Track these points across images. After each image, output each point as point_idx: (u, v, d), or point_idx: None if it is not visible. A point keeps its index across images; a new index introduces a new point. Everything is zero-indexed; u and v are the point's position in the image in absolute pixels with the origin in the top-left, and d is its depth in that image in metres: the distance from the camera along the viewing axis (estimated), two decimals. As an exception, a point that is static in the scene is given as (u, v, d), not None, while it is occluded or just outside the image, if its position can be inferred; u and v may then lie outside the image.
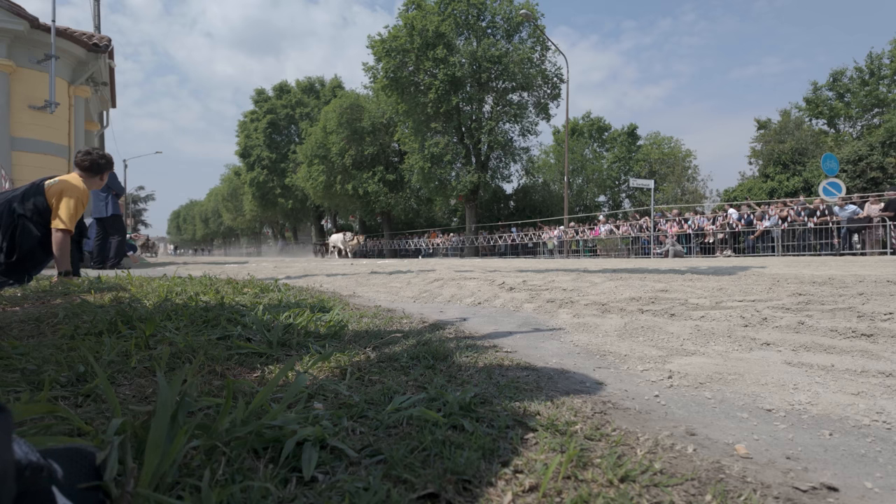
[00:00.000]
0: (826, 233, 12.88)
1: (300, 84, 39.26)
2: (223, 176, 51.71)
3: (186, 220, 76.81)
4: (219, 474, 0.62)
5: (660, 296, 2.77)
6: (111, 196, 7.76)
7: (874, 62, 24.51)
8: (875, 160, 20.48)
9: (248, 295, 2.77)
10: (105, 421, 0.81)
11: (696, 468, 0.72)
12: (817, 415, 1.00)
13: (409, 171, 24.76)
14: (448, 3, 21.72)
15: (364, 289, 3.93)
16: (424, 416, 0.84)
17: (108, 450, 0.58)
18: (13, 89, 8.72)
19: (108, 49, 10.05)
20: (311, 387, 1.03)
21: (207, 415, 0.81)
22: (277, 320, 1.72)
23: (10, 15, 8.38)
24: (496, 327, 2.07)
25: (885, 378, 1.22)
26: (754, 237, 14.08)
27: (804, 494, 0.67)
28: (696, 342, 1.68)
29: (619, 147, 34.12)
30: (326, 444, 0.72)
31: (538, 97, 23.47)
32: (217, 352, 1.32)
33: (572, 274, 4.56)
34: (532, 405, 0.96)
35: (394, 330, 1.83)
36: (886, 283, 3.07)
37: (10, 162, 8.56)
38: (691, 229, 15.86)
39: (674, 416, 0.99)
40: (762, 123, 27.90)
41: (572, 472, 0.68)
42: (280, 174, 37.91)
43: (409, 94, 22.59)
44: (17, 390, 0.96)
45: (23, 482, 0.43)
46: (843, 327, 1.76)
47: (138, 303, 2.27)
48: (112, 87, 12.24)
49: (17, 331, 1.67)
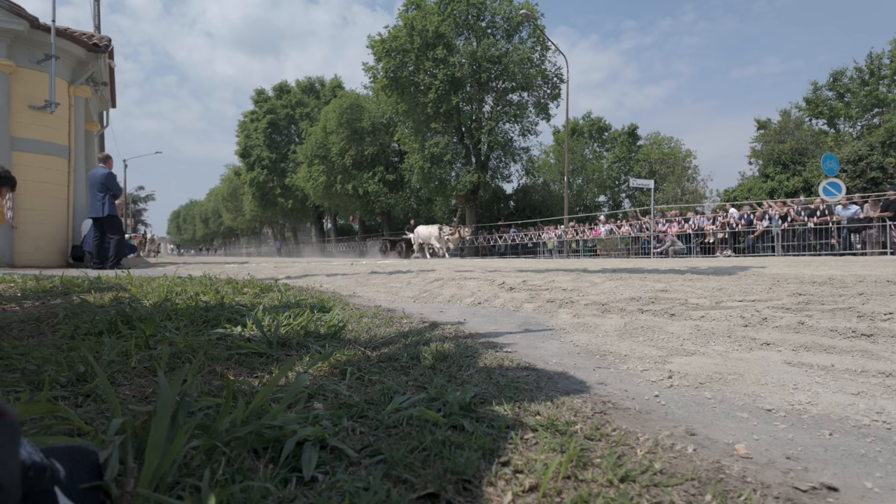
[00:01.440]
0: (826, 233, 12.88)
1: (300, 84, 39.27)
2: (223, 176, 51.74)
3: (186, 220, 76.83)
4: (219, 474, 0.62)
5: (660, 296, 2.77)
6: (108, 196, 7.75)
7: (874, 62, 24.50)
8: (875, 160, 20.48)
9: (248, 295, 2.77)
10: (105, 421, 0.81)
11: (696, 468, 0.72)
12: (817, 415, 1.00)
13: (409, 171, 24.75)
14: (448, 4, 21.72)
15: (364, 289, 3.93)
16: (424, 416, 0.84)
17: (110, 449, 0.58)
18: (13, 89, 8.71)
19: (108, 49, 10.05)
20: (311, 387, 1.03)
21: (207, 415, 0.81)
22: (277, 320, 1.72)
23: (10, 15, 8.38)
24: (496, 327, 2.07)
25: (885, 378, 1.22)
26: (754, 237, 14.08)
27: (804, 494, 0.67)
28: (696, 342, 1.68)
29: (619, 147, 34.11)
30: (326, 444, 0.72)
31: (538, 97, 23.46)
32: (217, 352, 1.32)
33: (572, 274, 4.56)
34: (532, 405, 0.96)
35: (394, 330, 1.83)
36: (886, 283, 3.07)
37: (10, 162, 8.55)
38: (691, 229, 15.87)
39: (674, 416, 0.99)
40: (762, 123, 27.90)
41: (572, 472, 0.68)
42: (280, 174, 37.92)
43: (409, 94, 22.59)
44: (17, 390, 0.96)
45: (26, 483, 0.42)
46: (843, 327, 1.76)
47: (138, 303, 2.27)
48: (112, 87, 12.24)
49: (17, 331, 1.67)
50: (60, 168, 9.27)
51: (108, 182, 7.75)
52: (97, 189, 7.71)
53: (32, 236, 8.70)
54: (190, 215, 74.59)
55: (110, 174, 7.83)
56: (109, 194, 7.76)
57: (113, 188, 7.81)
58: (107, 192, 7.73)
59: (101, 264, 7.75)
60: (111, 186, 7.78)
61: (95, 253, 7.82)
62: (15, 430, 0.41)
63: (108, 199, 7.75)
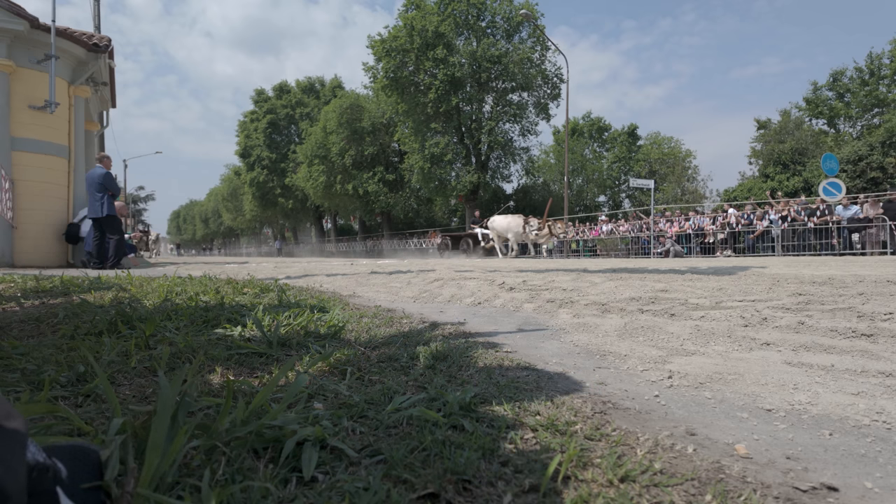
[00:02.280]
0: (826, 233, 12.88)
1: (300, 84, 39.28)
2: (223, 176, 51.77)
3: (186, 220, 76.87)
4: (219, 474, 0.62)
5: (660, 296, 2.77)
6: (107, 196, 7.75)
7: (874, 62, 24.51)
8: (875, 160, 20.49)
9: (248, 295, 2.77)
10: (105, 421, 0.81)
11: (696, 468, 0.72)
12: (817, 415, 1.00)
13: (409, 171, 24.75)
14: (448, 4, 21.73)
15: (364, 289, 3.93)
16: (424, 416, 0.84)
17: (110, 448, 0.58)
18: (13, 89, 8.71)
19: (108, 49, 10.05)
20: (311, 387, 1.03)
21: (207, 415, 0.81)
22: (277, 320, 1.72)
23: (10, 15, 8.38)
24: (496, 327, 2.07)
25: (885, 378, 1.22)
26: (754, 237, 14.08)
27: (804, 494, 0.67)
28: (696, 342, 1.68)
29: (619, 147, 34.13)
30: (326, 444, 0.72)
31: (538, 97, 23.48)
32: (217, 352, 1.32)
33: (572, 274, 4.56)
34: (532, 405, 0.96)
35: (394, 330, 1.83)
36: (886, 283, 3.07)
37: (10, 162, 8.55)
38: (691, 229, 15.87)
39: (674, 416, 0.99)
40: (762, 123, 27.91)
41: (572, 472, 0.68)
42: (280, 174, 37.93)
43: (409, 94, 22.59)
44: (17, 390, 0.96)
45: (30, 483, 0.42)
46: (843, 327, 1.76)
47: (138, 303, 2.27)
48: (112, 87, 12.24)
49: (17, 331, 1.67)
50: (60, 168, 9.27)
51: (106, 182, 7.74)
52: (95, 189, 7.70)
53: (32, 236, 8.69)
54: (190, 215, 74.62)
55: (108, 174, 7.82)
56: (108, 194, 7.76)
57: (111, 188, 7.80)
58: (105, 191, 7.73)
59: (101, 264, 7.75)
60: (109, 186, 7.77)
61: (95, 253, 7.82)
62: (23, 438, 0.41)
63: (107, 198, 7.76)
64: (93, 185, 7.72)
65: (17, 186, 8.49)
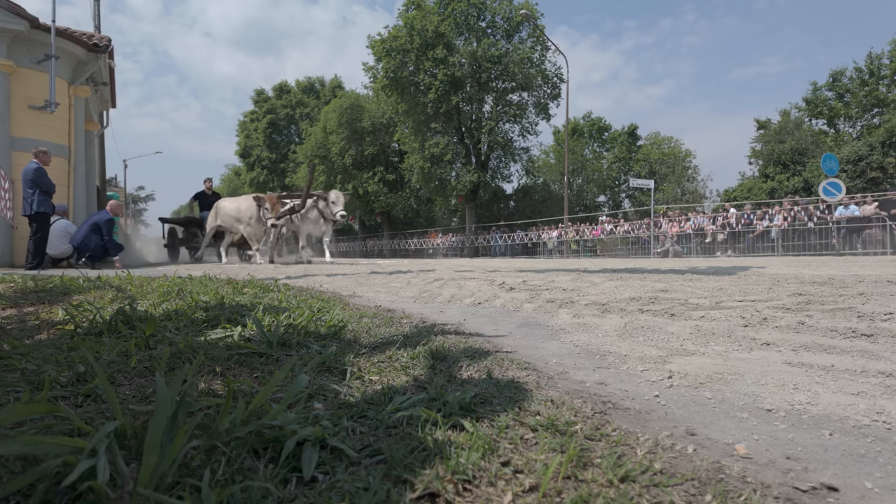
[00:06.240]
0: (826, 233, 12.88)
1: (300, 84, 39.27)
2: (223, 176, 51.70)
3: (186, 221, 76.70)
4: (219, 474, 0.62)
5: (660, 296, 2.77)
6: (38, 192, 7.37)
7: (874, 62, 24.50)
8: (875, 160, 20.49)
9: (248, 295, 2.77)
10: (105, 421, 0.81)
11: (696, 468, 0.72)
12: (817, 415, 1.00)
13: (409, 171, 24.75)
14: (448, 3, 21.72)
15: (364, 289, 3.93)
16: (424, 416, 0.84)
17: (100, 449, 0.58)
18: (13, 89, 8.72)
19: (108, 49, 10.05)
20: (311, 387, 1.03)
21: (207, 415, 0.81)
22: (277, 320, 1.72)
23: (10, 15, 8.38)
24: (496, 327, 2.07)
25: (885, 378, 1.22)
26: (754, 237, 14.08)
27: (804, 494, 0.67)
28: (696, 342, 1.68)
29: (619, 147, 34.11)
30: (326, 444, 0.72)
31: (538, 97, 23.46)
32: (217, 352, 1.32)
33: (572, 274, 4.56)
34: (532, 405, 0.96)
35: (394, 330, 1.83)
36: (886, 283, 3.07)
37: (10, 162, 8.56)
38: (691, 229, 15.87)
39: (674, 416, 0.99)
40: (762, 123, 27.90)
41: (572, 472, 0.68)
42: (280, 174, 37.91)
43: (409, 94, 22.59)
44: (17, 390, 0.96)
45: None
46: (843, 327, 1.76)
47: (138, 303, 2.27)
48: (112, 87, 12.24)
49: (17, 331, 1.67)
50: (60, 168, 9.27)
51: (37, 178, 7.39)
52: (27, 185, 7.38)
53: (32, 236, 8.69)
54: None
55: (39, 169, 7.44)
56: (39, 190, 7.41)
57: (43, 184, 7.45)
58: (36, 188, 7.39)
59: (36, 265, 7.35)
60: (41, 182, 7.42)
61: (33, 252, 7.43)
62: None
63: (38, 195, 7.40)
64: (25, 181, 7.39)
65: (17, 186, 8.49)
